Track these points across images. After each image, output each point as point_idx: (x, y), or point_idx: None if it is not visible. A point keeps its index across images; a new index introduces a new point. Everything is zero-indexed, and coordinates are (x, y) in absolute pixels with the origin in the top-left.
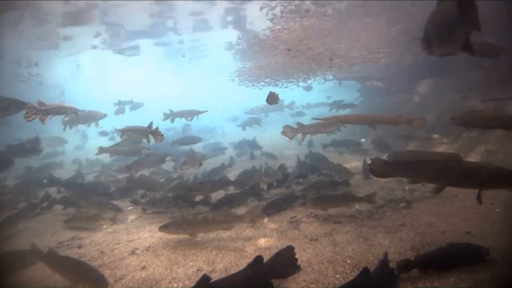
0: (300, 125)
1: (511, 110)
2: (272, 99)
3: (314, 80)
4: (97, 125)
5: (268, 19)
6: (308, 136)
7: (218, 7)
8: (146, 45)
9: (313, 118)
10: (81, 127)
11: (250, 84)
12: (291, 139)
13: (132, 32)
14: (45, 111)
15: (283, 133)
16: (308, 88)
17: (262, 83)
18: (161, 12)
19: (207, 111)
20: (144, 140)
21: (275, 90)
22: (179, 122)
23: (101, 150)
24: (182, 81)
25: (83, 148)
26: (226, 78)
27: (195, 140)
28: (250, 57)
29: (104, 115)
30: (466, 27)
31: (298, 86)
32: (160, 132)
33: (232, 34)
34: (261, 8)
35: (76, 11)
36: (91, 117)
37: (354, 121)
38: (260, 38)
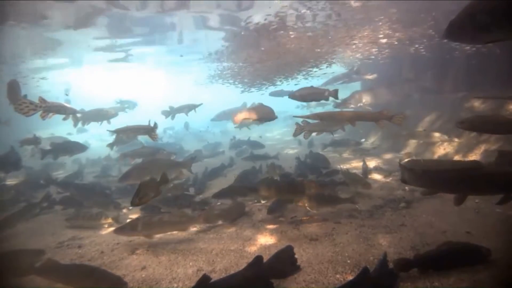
0: (306, 123)
1: (510, 110)
2: None
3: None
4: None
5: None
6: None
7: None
8: (146, 46)
9: (294, 116)
10: (85, 127)
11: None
12: (295, 137)
13: (133, 33)
14: (46, 108)
15: (295, 131)
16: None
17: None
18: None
19: (201, 104)
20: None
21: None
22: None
23: (123, 155)
24: (180, 81)
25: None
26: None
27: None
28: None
29: (115, 114)
30: None
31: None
32: None
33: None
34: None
35: (81, 15)
36: (102, 116)
37: (334, 118)
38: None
